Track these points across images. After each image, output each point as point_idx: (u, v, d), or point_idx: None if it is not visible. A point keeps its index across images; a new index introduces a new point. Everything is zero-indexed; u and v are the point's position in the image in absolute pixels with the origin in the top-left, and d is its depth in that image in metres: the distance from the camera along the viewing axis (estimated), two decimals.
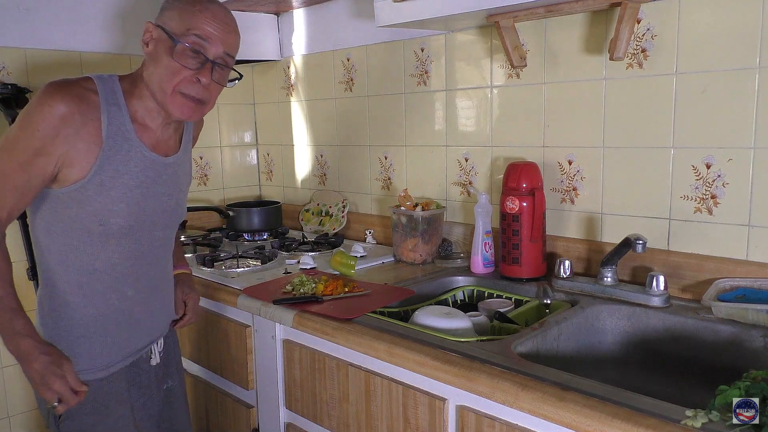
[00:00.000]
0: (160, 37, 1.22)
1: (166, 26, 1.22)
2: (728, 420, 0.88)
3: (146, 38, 1.24)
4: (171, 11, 1.23)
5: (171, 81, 1.22)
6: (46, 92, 1.16)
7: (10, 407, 2.19)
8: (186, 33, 1.21)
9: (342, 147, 2.35)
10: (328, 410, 1.44)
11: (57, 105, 1.15)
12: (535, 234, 1.62)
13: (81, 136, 1.18)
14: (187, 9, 1.22)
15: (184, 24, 1.21)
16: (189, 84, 1.23)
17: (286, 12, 2.45)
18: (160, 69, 1.22)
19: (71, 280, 1.27)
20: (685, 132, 1.45)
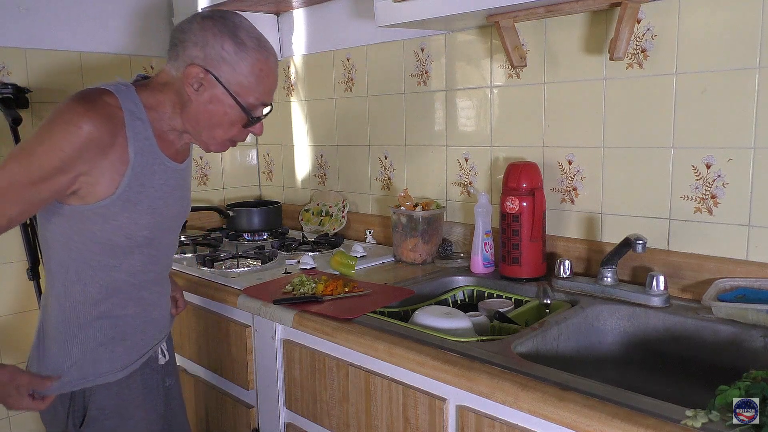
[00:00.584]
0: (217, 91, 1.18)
1: (225, 81, 1.17)
2: (728, 420, 0.88)
3: (193, 82, 1.18)
4: (231, 67, 1.17)
5: (224, 135, 1.24)
6: (73, 111, 1.11)
7: None
8: (255, 103, 1.21)
9: (342, 147, 2.35)
10: (328, 410, 1.44)
11: (84, 126, 1.10)
12: (535, 234, 1.62)
13: (107, 155, 1.15)
14: (252, 71, 1.18)
15: (248, 89, 1.19)
16: (241, 136, 1.26)
17: (286, 12, 2.45)
18: (214, 122, 1.21)
19: (89, 296, 1.24)
20: (685, 132, 1.45)
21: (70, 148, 1.10)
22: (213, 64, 1.17)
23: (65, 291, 1.24)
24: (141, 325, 1.33)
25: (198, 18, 1.20)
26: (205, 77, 1.18)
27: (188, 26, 1.19)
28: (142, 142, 1.19)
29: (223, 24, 1.18)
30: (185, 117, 1.23)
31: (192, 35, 1.18)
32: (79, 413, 1.27)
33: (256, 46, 1.19)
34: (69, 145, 1.10)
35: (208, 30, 1.17)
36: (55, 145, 1.10)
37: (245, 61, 1.18)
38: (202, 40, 1.17)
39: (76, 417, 1.27)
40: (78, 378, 1.26)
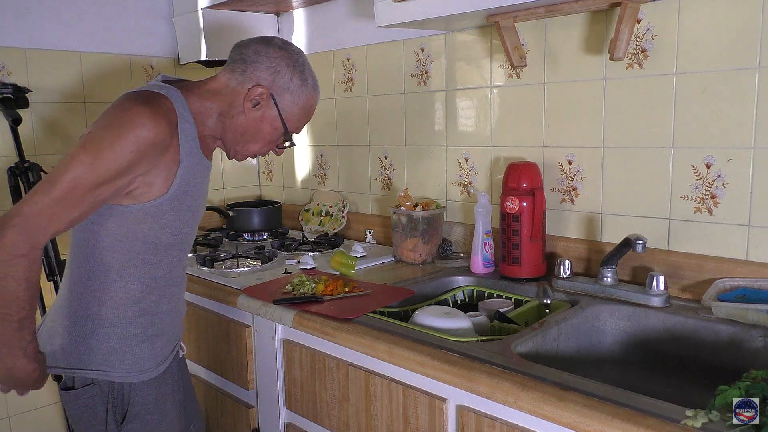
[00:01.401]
0: (271, 112, 1.30)
1: (281, 106, 1.30)
2: (728, 420, 0.88)
3: (255, 99, 1.28)
4: (291, 96, 1.30)
5: (256, 150, 1.35)
6: (139, 112, 1.15)
7: (10, 407, 2.19)
8: (295, 128, 1.35)
9: (342, 147, 2.35)
10: (328, 410, 1.44)
11: (151, 127, 1.15)
12: (535, 234, 1.62)
13: (165, 155, 1.20)
14: (307, 107, 1.34)
15: (299, 120, 1.34)
16: (267, 151, 1.37)
17: (286, 12, 2.45)
18: (255, 136, 1.32)
19: (129, 297, 1.26)
20: (685, 132, 1.45)
21: (137, 149, 1.14)
22: (278, 91, 1.29)
23: (103, 288, 1.26)
24: (173, 320, 1.38)
25: (275, 45, 1.30)
26: (267, 99, 1.29)
27: (263, 49, 1.29)
28: (190, 143, 1.25)
29: (296, 59, 1.31)
30: (229, 126, 1.31)
31: (267, 60, 1.28)
32: (120, 410, 1.29)
33: (314, 87, 1.35)
34: (137, 146, 1.14)
35: (283, 60, 1.29)
36: (123, 147, 1.13)
37: (303, 96, 1.32)
38: (276, 68, 1.29)
39: (118, 414, 1.29)
40: (123, 372, 1.28)
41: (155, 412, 1.31)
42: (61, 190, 1.10)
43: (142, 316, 1.29)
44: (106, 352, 1.26)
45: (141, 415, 1.29)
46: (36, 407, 2.24)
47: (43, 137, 2.17)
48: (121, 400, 1.28)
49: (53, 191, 1.10)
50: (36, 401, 2.23)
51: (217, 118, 1.30)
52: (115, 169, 1.13)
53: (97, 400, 1.28)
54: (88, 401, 1.28)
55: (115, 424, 1.28)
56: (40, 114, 2.16)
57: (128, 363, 1.27)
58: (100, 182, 1.12)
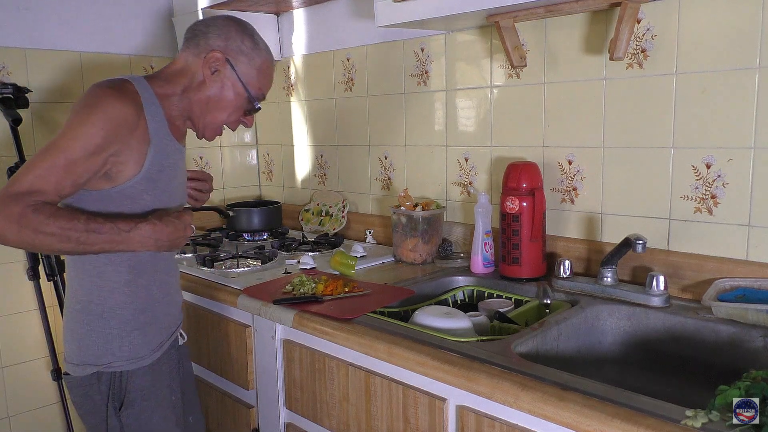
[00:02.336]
0: (230, 78, 1.34)
1: (239, 71, 1.34)
2: (728, 420, 0.88)
3: (213, 66, 1.33)
4: (247, 59, 1.35)
5: (222, 120, 1.38)
6: (105, 94, 1.22)
7: (10, 407, 2.19)
8: (258, 93, 1.38)
9: (342, 147, 2.35)
10: (328, 410, 1.44)
11: (118, 106, 1.21)
12: (535, 234, 1.62)
13: (134, 135, 1.24)
14: (263, 68, 1.38)
15: (258, 81, 1.37)
16: (235, 123, 1.41)
17: (286, 12, 2.45)
18: (221, 106, 1.36)
19: (120, 278, 1.31)
20: (684, 132, 1.45)
21: (107, 126, 1.20)
22: (233, 54, 1.34)
23: (98, 272, 1.31)
24: (166, 307, 1.41)
25: (221, 17, 1.38)
26: (223, 64, 1.33)
27: (212, 21, 1.36)
28: (158, 123, 1.30)
29: (245, 26, 1.38)
30: (195, 100, 1.35)
31: (216, 29, 1.34)
32: (118, 396, 1.33)
33: (267, 50, 1.40)
34: (106, 123, 1.20)
35: (231, 27, 1.35)
36: (95, 124, 1.19)
37: (258, 58, 1.37)
38: (226, 33, 1.34)
39: (116, 401, 1.33)
40: (122, 360, 1.32)
41: (150, 398, 1.35)
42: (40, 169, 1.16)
43: (134, 302, 1.33)
44: (107, 339, 1.31)
45: (137, 402, 1.33)
46: (36, 407, 2.24)
47: (43, 137, 2.17)
48: (119, 388, 1.33)
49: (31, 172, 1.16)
50: (36, 401, 2.23)
51: (182, 96, 1.35)
52: (89, 147, 1.18)
53: (95, 389, 1.32)
54: (88, 389, 1.33)
55: (114, 410, 1.33)
56: (40, 114, 2.16)
57: (126, 350, 1.32)
58: (76, 159, 1.18)
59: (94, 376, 1.32)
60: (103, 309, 1.31)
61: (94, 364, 1.32)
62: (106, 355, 1.31)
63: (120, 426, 1.33)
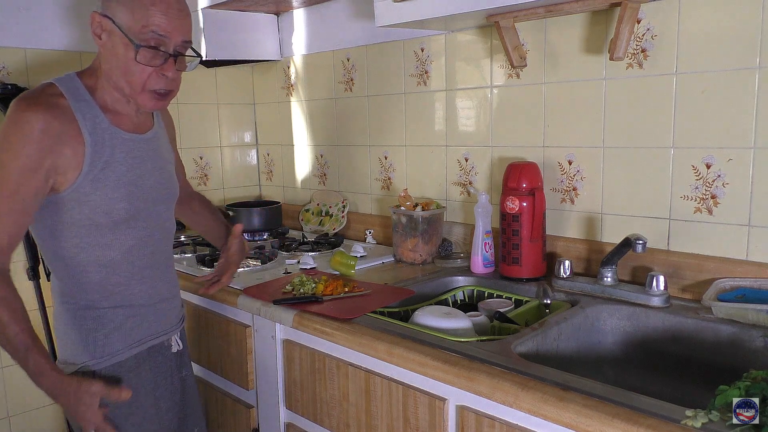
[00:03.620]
0: (114, 32, 1.20)
1: (118, 21, 1.19)
2: (728, 420, 0.88)
3: (96, 30, 1.22)
4: (119, 4, 1.19)
5: (138, 80, 1.23)
6: (17, 110, 1.17)
7: (10, 407, 2.19)
8: (143, 31, 1.19)
9: (342, 147, 2.35)
10: (328, 410, 1.44)
11: (32, 120, 1.15)
12: (535, 234, 1.62)
13: (64, 141, 1.19)
14: (139, 3, 1.19)
15: (139, 21, 1.18)
16: (156, 80, 1.24)
17: (286, 12, 2.45)
18: (123, 68, 1.22)
19: (91, 278, 1.29)
20: (685, 132, 1.45)
21: (27, 145, 1.15)
22: (109, 10, 1.20)
23: (69, 275, 1.29)
24: (149, 303, 1.37)
25: None
26: (103, 22, 1.21)
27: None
28: (92, 120, 1.23)
29: None
30: (106, 74, 1.25)
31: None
32: None
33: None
34: (30, 142, 1.15)
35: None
36: (14, 148, 1.15)
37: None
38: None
39: None
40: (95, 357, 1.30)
41: (122, 405, 1.30)
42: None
43: (109, 299, 1.31)
44: (83, 336, 1.30)
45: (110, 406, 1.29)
46: (36, 407, 2.24)
47: None
48: None
49: None
50: (36, 401, 2.23)
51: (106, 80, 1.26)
52: (22, 170, 1.15)
53: None
54: None
55: None
56: None
57: (101, 345, 1.30)
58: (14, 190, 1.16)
59: None
60: (78, 307, 1.30)
61: (72, 363, 1.30)
62: (83, 353, 1.30)
63: None
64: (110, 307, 1.31)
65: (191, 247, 2.16)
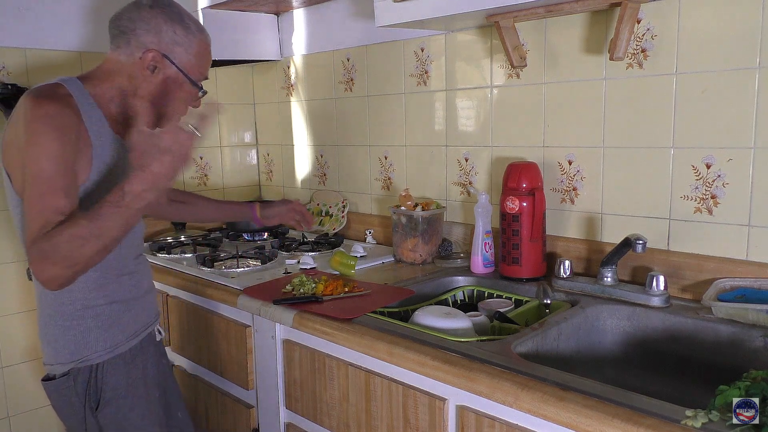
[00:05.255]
0: (173, 73, 1.30)
1: (178, 63, 1.30)
2: (728, 420, 0.88)
3: (150, 65, 1.28)
4: (182, 48, 1.30)
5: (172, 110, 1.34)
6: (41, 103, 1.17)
7: (10, 407, 2.19)
8: (200, 78, 1.35)
9: (342, 147, 2.35)
10: (328, 410, 1.44)
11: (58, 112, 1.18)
12: (535, 234, 1.62)
13: (79, 138, 1.22)
14: (201, 51, 1.33)
15: (199, 67, 1.34)
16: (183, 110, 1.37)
17: (286, 12, 2.45)
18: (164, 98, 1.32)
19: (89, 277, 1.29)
20: (685, 132, 1.45)
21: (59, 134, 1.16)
22: (168, 48, 1.29)
23: None
24: (141, 301, 1.42)
25: (144, 7, 1.29)
26: (161, 60, 1.29)
27: (136, 15, 1.28)
28: (97, 124, 1.27)
29: (170, 11, 1.30)
30: (139, 98, 1.30)
31: (143, 23, 1.28)
32: (94, 396, 1.33)
33: (199, 30, 1.34)
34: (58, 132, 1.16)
35: (159, 17, 1.28)
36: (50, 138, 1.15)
37: (194, 44, 1.32)
38: (155, 28, 1.28)
39: (92, 400, 1.33)
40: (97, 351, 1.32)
41: (127, 396, 1.35)
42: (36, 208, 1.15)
43: (107, 296, 1.33)
44: (83, 335, 1.31)
45: (113, 400, 1.34)
46: (36, 407, 2.24)
47: None
48: (95, 387, 1.33)
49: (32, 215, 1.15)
50: (36, 401, 2.23)
51: (122, 98, 1.31)
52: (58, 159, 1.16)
53: (72, 391, 1.33)
54: (65, 391, 1.33)
55: (90, 411, 1.33)
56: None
57: (102, 341, 1.33)
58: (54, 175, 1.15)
59: (69, 378, 1.32)
60: (76, 308, 1.31)
61: (69, 362, 1.31)
62: (82, 350, 1.31)
63: (98, 426, 1.34)
64: (106, 303, 1.34)
65: (191, 247, 2.16)
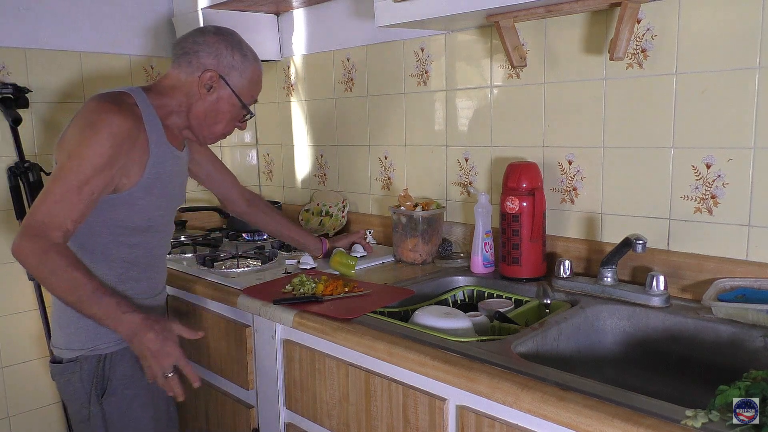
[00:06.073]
0: (224, 91, 1.42)
1: (231, 83, 1.42)
2: (728, 420, 0.88)
3: (207, 84, 1.40)
4: (237, 72, 1.43)
5: (221, 129, 1.47)
6: (108, 110, 1.29)
7: (10, 407, 2.19)
8: (250, 101, 1.47)
9: (342, 147, 2.35)
10: (328, 410, 1.44)
11: (120, 123, 1.28)
12: (535, 234, 1.62)
13: (136, 147, 1.33)
14: (254, 78, 1.46)
15: (251, 92, 1.47)
16: (231, 129, 1.50)
17: (286, 12, 2.45)
18: (219, 118, 1.44)
19: (113, 272, 1.40)
20: (685, 132, 1.45)
21: (113, 143, 1.27)
22: (225, 71, 1.42)
23: (92, 267, 1.35)
24: (151, 296, 1.52)
25: (209, 33, 1.44)
26: (217, 81, 1.41)
27: (201, 39, 1.42)
28: (157, 134, 1.39)
29: (231, 39, 1.44)
30: (192, 114, 1.44)
31: (206, 47, 1.41)
32: (101, 384, 1.39)
33: (254, 59, 1.48)
34: (112, 141, 1.27)
35: (221, 43, 1.42)
36: (102, 144, 1.26)
37: (249, 70, 1.45)
38: (216, 51, 1.41)
39: (99, 388, 1.39)
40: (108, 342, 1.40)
41: (131, 387, 1.42)
42: (56, 195, 1.24)
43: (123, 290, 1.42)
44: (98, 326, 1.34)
45: (119, 390, 1.41)
46: (36, 407, 2.24)
47: (43, 137, 2.17)
48: (102, 376, 1.40)
49: (49, 198, 1.24)
50: (36, 401, 2.23)
51: (179, 111, 1.43)
52: (98, 165, 1.26)
53: (77, 376, 1.40)
54: (70, 376, 1.40)
55: (96, 398, 1.39)
56: (40, 114, 2.16)
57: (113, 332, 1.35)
58: (87, 179, 1.25)
59: (76, 364, 1.39)
60: None
61: (79, 349, 1.39)
62: (93, 339, 1.39)
63: (102, 413, 1.39)
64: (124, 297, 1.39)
65: (191, 247, 2.16)
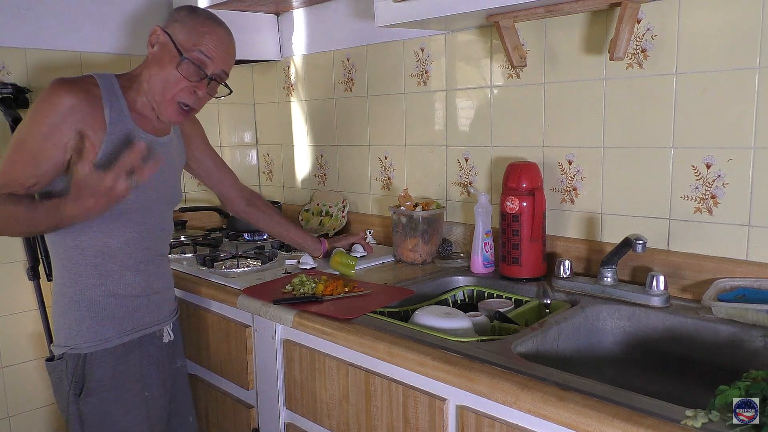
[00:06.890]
0: (167, 45, 1.35)
1: (174, 37, 1.35)
2: (728, 420, 0.88)
3: (153, 40, 1.37)
4: (181, 25, 1.37)
5: (171, 89, 1.36)
6: (52, 88, 1.28)
7: (10, 407, 2.19)
8: (192, 49, 1.35)
9: (342, 147, 2.35)
10: (328, 410, 1.44)
11: (63, 96, 1.27)
12: (535, 234, 1.62)
13: (88, 122, 1.29)
14: (197, 28, 1.36)
15: (191, 41, 1.35)
16: (186, 95, 1.37)
17: (286, 12, 2.45)
18: (163, 75, 1.35)
19: (88, 262, 1.37)
20: (685, 132, 1.45)
21: (52, 115, 1.27)
22: (169, 25, 1.38)
23: (67, 257, 1.37)
24: (142, 294, 1.45)
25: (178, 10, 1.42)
26: (161, 35, 1.36)
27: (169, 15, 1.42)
28: (117, 113, 1.35)
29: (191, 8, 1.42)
30: (144, 79, 1.38)
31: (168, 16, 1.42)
32: (78, 383, 1.38)
33: (208, 16, 1.40)
34: (55, 116, 1.27)
35: (182, 10, 1.41)
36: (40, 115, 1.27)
37: (193, 21, 1.37)
38: (172, 15, 1.40)
39: (76, 387, 1.38)
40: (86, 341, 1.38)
41: (112, 389, 1.39)
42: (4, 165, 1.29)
43: (104, 285, 1.39)
44: (77, 321, 1.37)
45: (96, 391, 1.39)
46: (36, 407, 2.24)
47: None
48: (80, 375, 1.38)
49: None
50: (36, 401, 2.23)
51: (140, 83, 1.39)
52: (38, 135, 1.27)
53: (63, 374, 1.39)
54: (57, 374, 1.40)
55: (74, 396, 1.38)
56: None
57: (93, 331, 1.38)
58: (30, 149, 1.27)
59: (63, 362, 1.38)
60: (74, 291, 1.37)
61: (63, 346, 1.39)
62: (74, 336, 1.38)
63: (79, 413, 1.38)
64: (104, 295, 1.38)
65: (191, 247, 2.16)
